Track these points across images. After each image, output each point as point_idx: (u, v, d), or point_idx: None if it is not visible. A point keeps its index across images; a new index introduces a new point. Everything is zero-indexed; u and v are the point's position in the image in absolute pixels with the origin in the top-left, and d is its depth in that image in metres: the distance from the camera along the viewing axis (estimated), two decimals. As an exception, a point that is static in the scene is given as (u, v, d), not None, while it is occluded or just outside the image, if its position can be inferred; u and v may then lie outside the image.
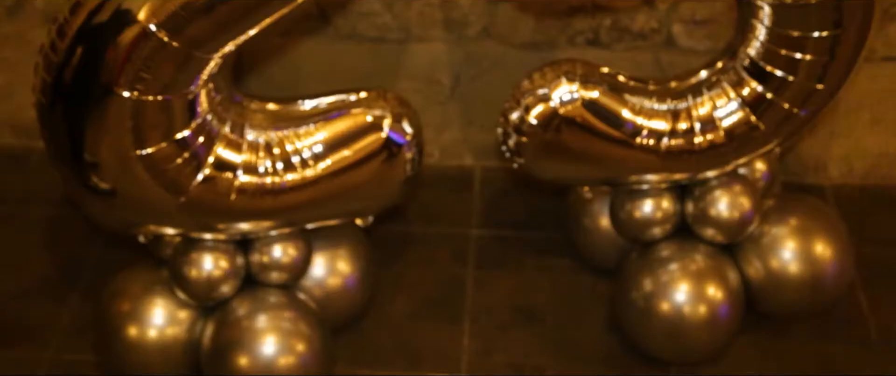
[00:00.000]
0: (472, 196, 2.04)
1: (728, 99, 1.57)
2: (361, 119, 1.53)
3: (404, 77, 1.97)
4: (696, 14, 1.88)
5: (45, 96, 1.40)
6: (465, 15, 1.90)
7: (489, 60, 1.95)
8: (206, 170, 1.46)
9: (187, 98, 1.39)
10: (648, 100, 1.57)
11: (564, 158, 1.60)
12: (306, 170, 1.51)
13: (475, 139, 2.06)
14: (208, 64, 1.38)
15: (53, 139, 1.43)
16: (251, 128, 1.50)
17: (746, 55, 1.54)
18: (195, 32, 1.32)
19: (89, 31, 1.33)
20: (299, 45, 1.94)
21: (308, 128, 1.52)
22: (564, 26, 1.90)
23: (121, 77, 1.33)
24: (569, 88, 1.53)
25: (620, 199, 1.70)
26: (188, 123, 1.42)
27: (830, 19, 1.45)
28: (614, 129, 1.55)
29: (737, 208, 1.64)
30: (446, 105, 2.02)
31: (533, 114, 1.54)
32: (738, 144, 1.59)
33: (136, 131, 1.38)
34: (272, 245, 1.59)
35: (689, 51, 1.91)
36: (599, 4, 1.87)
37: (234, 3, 1.32)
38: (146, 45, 1.31)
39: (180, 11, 1.30)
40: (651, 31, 1.90)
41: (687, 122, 1.57)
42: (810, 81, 1.52)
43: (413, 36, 1.93)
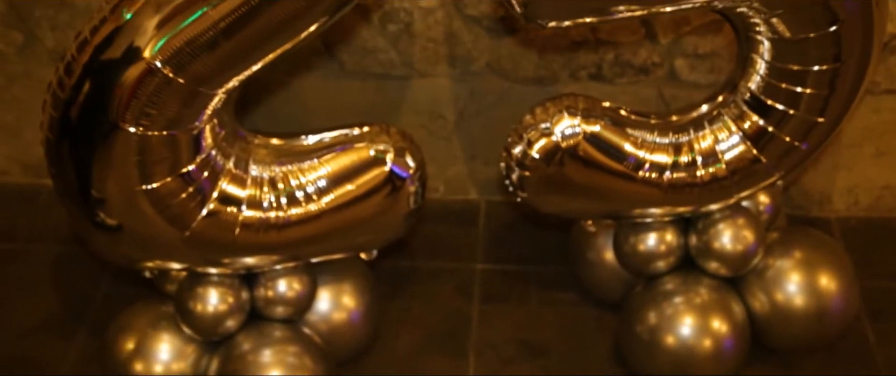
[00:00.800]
0: (477, 230, 2.04)
1: (729, 132, 1.57)
2: (364, 153, 1.54)
3: (409, 112, 1.99)
4: (698, 48, 1.89)
5: (52, 133, 1.41)
6: (468, 51, 1.91)
7: (493, 95, 1.97)
8: (211, 205, 1.47)
9: (192, 133, 1.41)
10: (650, 134, 1.58)
11: (567, 192, 1.60)
12: (310, 204, 1.52)
13: (480, 173, 2.07)
14: (213, 99, 1.39)
15: (61, 175, 1.44)
16: (255, 163, 1.51)
17: (747, 89, 1.55)
18: (200, 69, 1.34)
19: (96, 68, 1.35)
20: (304, 82, 1.96)
21: (311, 163, 1.53)
22: (567, 61, 1.92)
23: (127, 113, 1.35)
24: (571, 122, 1.54)
25: (624, 233, 1.70)
26: (193, 158, 1.43)
27: (830, 53, 1.46)
28: (617, 163, 1.56)
29: (740, 241, 1.65)
30: (451, 140, 2.03)
31: (535, 149, 1.55)
32: (741, 177, 1.60)
33: (141, 166, 1.39)
34: (277, 279, 1.60)
35: (691, 85, 1.93)
36: (602, 39, 1.89)
37: (238, 39, 1.33)
38: (152, 81, 1.33)
39: (185, 48, 1.32)
40: (653, 65, 1.92)
41: (689, 156, 1.58)
42: (811, 115, 1.53)
43: (417, 72, 1.94)
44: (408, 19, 1.87)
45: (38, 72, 1.97)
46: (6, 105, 2.05)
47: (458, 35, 1.89)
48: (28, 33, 1.95)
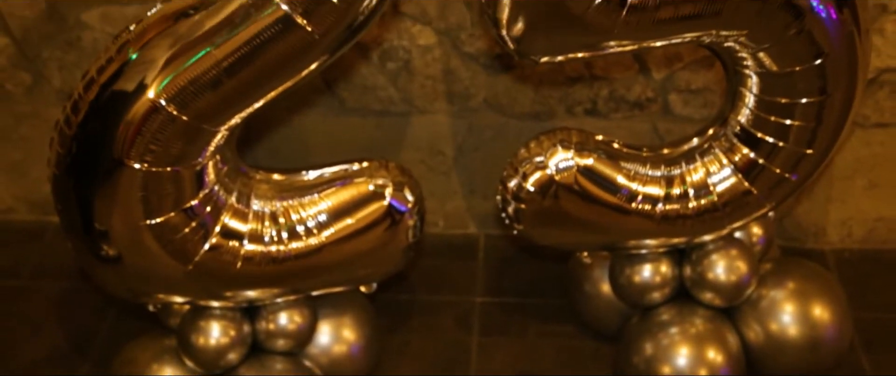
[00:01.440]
0: (476, 264, 2.07)
1: (721, 165, 1.60)
2: (364, 188, 1.57)
3: (409, 148, 2.02)
4: (691, 84, 1.93)
5: (59, 169, 1.45)
6: (466, 87, 1.95)
7: (491, 131, 2.00)
8: (213, 239, 1.50)
9: (195, 169, 1.44)
10: (643, 167, 1.61)
11: (563, 224, 1.63)
12: (310, 238, 1.55)
13: (478, 208, 2.10)
14: (216, 136, 1.43)
15: (66, 210, 1.48)
16: (257, 198, 1.54)
17: (737, 122, 1.58)
18: (203, 106, 1.38)
19: (102, 106, 1.38)
20: (305, 118, 2.00)
21: (312, 198, 1.56)
22: (563, 96, 1.95)
23: (132, 149, 1.38)
24: (564, 156, 1.58)
25: (620, 265, 1.73)
26: (196, 194, 1.46)
27: (816, 86, 1.49)
28: (610, 195, 1.59)
29: (734, 272, 1.67)
30: (449, 175, 2.06)
31: (530, 182, 1.59)
32: (732, 209, 1.62)
33: (145, 201, 1.43)
34: (278, 312, 1.63)
35: (685, 119, 1.96)
36: (597, 75, 1.93)
37: (240, 78, 1.37)
38: (156, 118, 1.37)
39: (189, 87, 1.36)
40: (647, 100, 1.95)
41: (681, 188, 1.61)
42: (800, 146, 1.56)
43: (416, 108, 1.98)
44: (406, 57, 1.91)
45: (46, 111, 2.01)
46: (14, 144, 2.08)
47: (456, 72, 1.93)
48: (36, 74, 1.99)
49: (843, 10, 1.44)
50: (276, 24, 1.33)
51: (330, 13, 1.33)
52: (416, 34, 1.89)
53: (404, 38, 1.89)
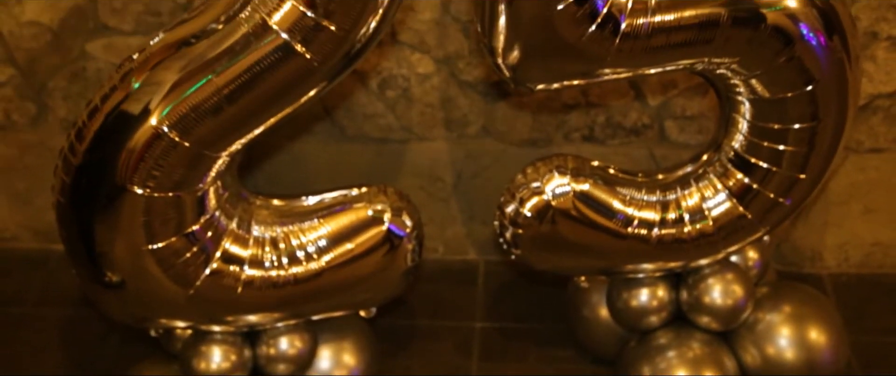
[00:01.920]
0: (475, 289, 2.08)
1: (715, 190, 1.63)
2: (363, 213, 1.59)
3: (408, 175, 2.04)
4: (686, 110, 1.95)
5: (63, 196, 1.47)
6: (464, 115, 1.97)
7: (489, 157, 2.02)
8: (214, 264, 1.52)
9: (197, 195, 1.47)
10: (638, 192, 1.63)
11: (560, 249, 1.65)
12: (311, 263, 1.57)
13: (478, 234, 2.11)
14: (217, 162, 1.45)
15: (71, 236, 1.50)
16: (257, 224, 1.56)
17: (731, 148, 1.60)
18: (204, 133, 1.40)
19: (106, 134, 1.41)
20: (306, 145, 2.02)
21: (312, 223, 1.58)
22: (560, 123, 1.98)
23: (135, 175, 1.41)
24: (561, 181, 1.60)
25: (617, 289, 1.74)
26: (197, 219, 1.48)
27: (808, 112, 1.52)
28: (606, 220, 1.61)
29: (730, 296, 1.69)
30: (449, 201, 2.08)
31: (527, 207, 1.61)
32: (727, 233, 1.64)
33: (147, 227, 1.45)
34: (279, 337, 1.64)
35: (681, 145, 1.98)
36: (593, 102, 1.95)
37: (241, 104, 1.40)
38: (159, 145, 1.39)
39: (191, 114, 1.38)
40: (644, 126, 1.97)
41: (676, 212, 1.63)
42: (793, 171, 1.58)
43: (415, 135, 2.00)
44: (405, 85, 1.94)
45: (50, 140, 2.03)
46: (18, 173, 2.10)
47: (454, 100, 1.95)
48: (41, 104, 2.01)
49: (833, 38, 1.47)
50: (276, 52, 1.36)
51: (328, 41, 1.36)
52: (414, 62, 1.91)
53: (403, 66, 1.92)
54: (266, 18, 1.35)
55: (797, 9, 1.44)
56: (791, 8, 1.44)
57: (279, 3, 1.34)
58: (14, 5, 1.89)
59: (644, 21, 1.40)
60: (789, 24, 1.44)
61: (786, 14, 1.44)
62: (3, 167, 2.10)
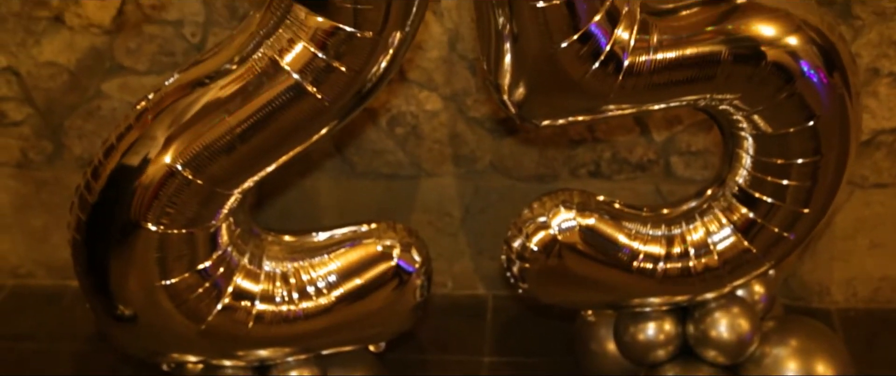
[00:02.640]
0: (484, 324, 2.09)
1: (720, 224, 1.64)
2: (372, 249, 1.61)
3: (417, 210, 2.06)
4: (691, 146, 1.97)
5: (79, 232, 1.50)
6: (472, 151, 2.00)
7: (497, 193, 2.05)
8: (226, 300, 1.54)
9: (209, 231, 1.49)
10: (643, 227, 1.65)
11: (567, 283, 1.67)
12: (321, 298, 1.59)
13: (486, 268, 2.13)
14: (229, 199, 1.48)
15: (86, 271, 1.52)
16: (268, 260, 1.58)
17: (735, 183, 1.62)
18: (217, 171, 1.43)
19: (121, 172, 1.44)
20: (317, 182, 2.04)
21: (322, 259, 1.60)
22: (567, 159, 2.00)
23: (149, 212, 1.44)
24: (566, 216, 1.62)
25: (624, 323, 1.75)
26: (209, 255, 1.51)
27: (810, 147, 1.53)
28: (612, 254, 1.63)
29: (736, 329, 1.70)
30: (457, 236, 2.10)
31: (534, 242, 1.63)
32: (732, 267, 1.66)
33: (161, 263, 1.47)
34: (289, 371, 1.65)
35: (687, 180, 2.00)
36: (599, 137, 1.97)
37: (254, 143, 1.43)
38: (172, 182, 1.42)
39: (204, 152, 1.41)
40: (649, 162, 2.00)
41: (681, 247, 1.64)
42: (797, 206, 1.59)
43: (424, 171, 2.02)
44: (414, 122, 1.97)
45: (66, 178, 2.06)
46: (34, 210, 2.13)
47: (463, 136, 1.98)
48: (57, 142, 2.04)
49: (834, 75, 1.49)
50: (288, 92, 1.39)
51: (339, 81, 1.39)
52: (423, 100, 1.95)
53: (412, 103, 1.95)
54: (278, 59, 1.39)
55: (798, 46, 1.46)
56: (791, 46, 1.46)
57: (291, 45, 1.38)
58: (33, 46, 1.93)
59: (646, 58, 1.42)
60: (790, 61, 1.46)
61: (786, 51, 1.46)
62: (19, 205, 2.13)
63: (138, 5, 1.88)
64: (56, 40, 1.92)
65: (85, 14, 1.89)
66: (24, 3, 1.88)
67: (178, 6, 1.87)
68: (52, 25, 1.91)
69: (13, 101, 2.00)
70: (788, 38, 1.46)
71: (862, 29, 1.82)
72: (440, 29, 1.87)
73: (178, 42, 1.90)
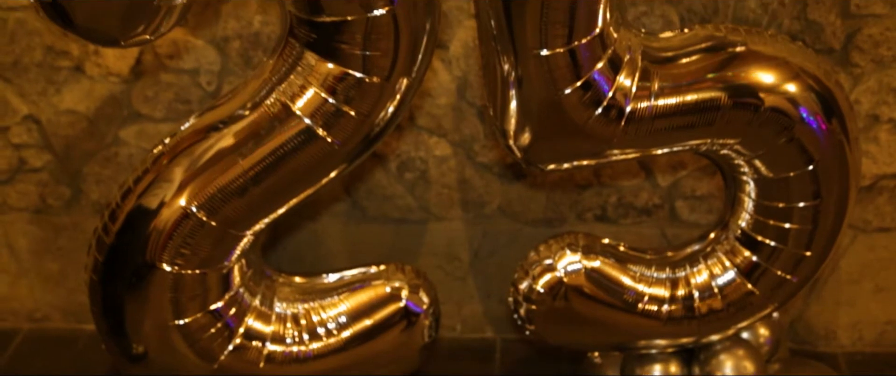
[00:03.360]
0: (493, 366, 2.10)
1: (723, 267, 1.67)
2: (381, 290, 1.65)
3: (426, 254, 2.08)
4: (696, 190, 2.00)
5: (96, 273, 1.54)
6: (480, 195, 2.02)
7: (505, 237, 2.07)
8: (237, 340, 1.57)
9: (222, 272, 1.53)
10: (648, 269, 1.68)
11: (573, 324, 1.69)
12: (330, 338, 1.62)
13: (494, 312, 2.14)
14: (242, 241, 1.52)
15: (102, 312, 1.56)
16: (279, 300, 1.62)
17: (737, 226, 1.65)
18: (230, 213, 1.47)
19: (137, 214, 1.48)
20: (328, 226, 2.06)
21: (332, 300, 1.64)
22: (574, 203, 2.02)
23: (163, 253, 1.48)
24: (572, 258, 1.65)
25: (630, 365, 1.77)
26: (222, 295, 1.54)
27: (810, 191, 1.56)
28: (617, 296, 1.66)
29: (741, 372, 1.71)
30: (466, 280, 2.12)
31: (540, 284, 1.66)
32: (736, 310, 1.68)
33: (174, 303, 1.51)
34: (299, 411, 1.68)
35: (692, 225, 2.02)
36: (605, 182, 2.00)
37: (266, 185, 1.47)
38: (187, 224, 1.46)
39: (217, 194, 1.46)
40: (655, 206, 2.02)
41: (685, 289, 1.67)
42: (799, 249, 1.62)
43: (433, 216, 2.05)
44: (423, 167, 1.99)
45: (83, 223, 2.08)
46: (52, 255, 2.15)
47: (471, 181, 2.01)
48: (75, 188, 2.07)
49: (832, 120, 1.53)
50: (299, 136, 1.44)
51: (348, 125, 1.44)
52: (432, 145, 1.98)
53: (421, 149, 1.98)
54: (290, 104, 1.43)
55: (796, 93, 1.50)
56: (790, 92, 1.50)
57: (302, 90, 1.43)
58: (53, 94, 1.97)
59: (647, 105, 1.46)
60: (789, 107, 1.50)
61: (785, 98, 1.49)
62: (36, 249, 2.15)
63: (156, 55, 1.92)
64: (76, 89, 1.96)
65: (104, 63, 1.94)
66: (46, 54, 1.93)
67: (194, 55, 1.91)
68: (73, 75, 1.95)
69: (33, 148, 2.04)
70: (787, 85, 1.50)
71: (861, 76, 1.85)
72: (449, 76, 1.91)
73: (193, 90, 1.94)
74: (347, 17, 1.36)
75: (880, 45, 1.82)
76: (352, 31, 1.37)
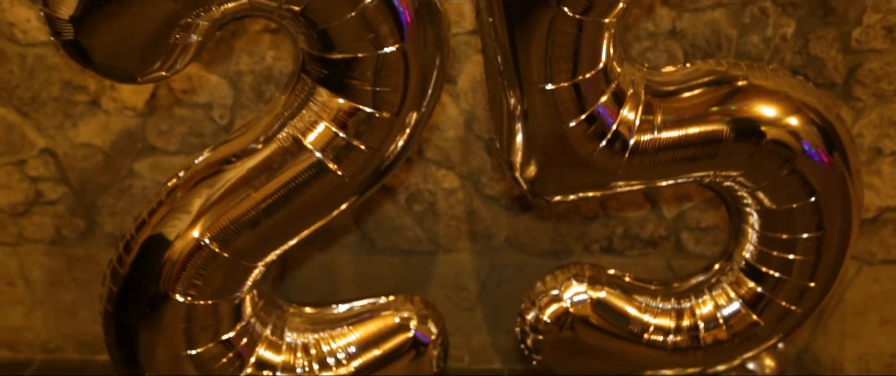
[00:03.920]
0: (501, 398, 2.12)
1: (728, 298, 1.68)
2: (390, 320, 1.67)
3: (435, 285, 2.10)
4: (701, 222, 2.01)
5: (110, 304, 1.56)
6: (488, 227, 2.04)
7: (512, 268, 2.08)
8: (249, 370, 1.59)
9: (234, 302, 1.55)
10: (653, 300, 1.69)
11: (580, 354, 1.71)
12: (340, 368, 1.64)
13: (502, 343, 2.15)
14: (253, 272, 1.54)
15: (116, 342, 1.58)
16: (290, 331, 1.64)
17: (742, 257, 1.67)
18: (242, 244, 1.50)
19: (151, 245, 1.51)
20: (338, 258, 2.08)
21: (342, 330, 1.66)
22: (580, 235, 2.04)
23: (177, 284, 1.50)
24: (578, 289, 1.67)
25: (637, 395, 1.79)
26: (233, 326, 1.57)
27: (812, 222, 1.58)
28: (622, 326, 1.67)
29: (747, 402, 1.73)
30: (474, 311, 2.13)
31: (547, 314, 1.67)
32: (741, 340, 1.69)
33: (187, 333, 1.53)
34: (309, 441, 1.70)
35: (698, 256, 2.03)
36: (611, 214, 2.02)
37: (277, 217, 1.49)
38: (200, 255, 1.49)
39: (230, 226, 1.48)
40: (660, 238, 2.04)
41: (690, 320, 1.69)
42: (803, 280, 1.64)
43: (441, 247, 2.06)
44: (432, 199, 2.01)
45: (97, 255, 2.10)
46: (65, 286, 2.17)
47: (479, 213, 2.03)
48: (90, 220, 2.09)
49: (833, 153, 1.55)
50: (310, 169, 1.47)
51: (358, 158, 1.46)
52: (440, 178, 2.00)
53: (430, 181, 2.00)
54: (301, 138, 1.46)
55: (798, 126, 1.52)
56: (792, 125, 1.52)
57: (313, 125, 1.45)
58: (70, 129, 2.00)
59: (651, 137, 1.49)
60: (790, 140, 1.52)
61: (787, 131, 1.52)
62: (51, 281, 2.17)
63: (170, 89, 1.95)
64: (92, 123, 1.98)
65: (120, 98, 1.96)
66: (64, 88, 1.96)
67: (207, 90, 1.94)
68: (89, 109, 1.97)
69: (50, 181, 2.06)
70: (788, 119, 1.52)
71: (863, 110, 1.88)
72: (457, 110, 1.94)
73: (207, 124, 1.97)
74: (358, 54, 1.40)
75: (881, 79, 1.84)
76: (363, 67, 1.40)
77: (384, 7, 1.36)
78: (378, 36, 1.38)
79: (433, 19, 1.41)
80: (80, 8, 1.30)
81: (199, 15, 1.35)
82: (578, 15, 1.38)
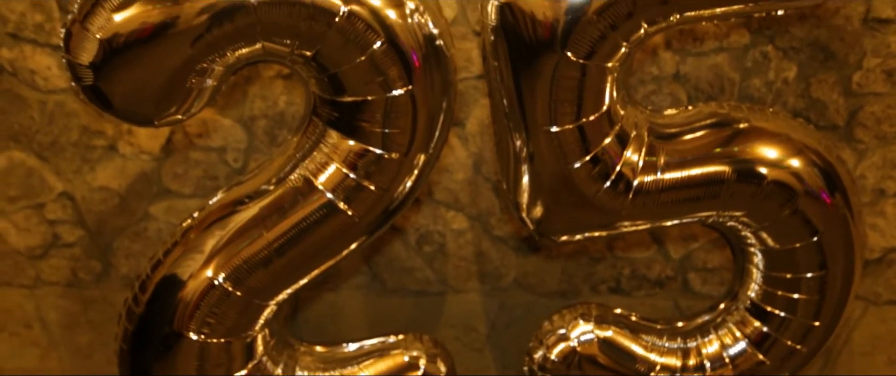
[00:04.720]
0: (510, 439, 2.12)
1: (734, 338, 1.70)
2: (400, 359, 1.69)
3: (444, 326, 2.11)
4: (707, 263, 2.03)
5: (126, 342, 1.59)
6: (497, 268, 2.06)
7: (521, 309, 2.10)
8: (260, 408, 1.62)
9: (246, 341, 1.58)
10: (659, 339, 1.71)
11: (587, 394, 1.73)
12: (351, 407, 1.66)
13: (511, 383, 2.18)
14: (265, 310, 1.57)
15: (130, 380, 1.61)
16: (301, 369, 1.66)
17: (747, 297, 1.69)
18: (255, 283, 1.53)
19: (166, 284, 1.54)
20: (349, 299, 2.10)
21: (352, 369, 1.68)
22: (588, 276, 2.06)
23: (191, 322, 1.53)
24: (585, 328, 1.69)
25: (644, 435, 1.80)
26: (246, 364, 1.59)
27: (816, 261, 1.60)
28: (629, 366, 1.69)
29: (754, 441, 1.73)
30: (483, 351, 2.14)
31: (555, 353, 1.69)
32: (747, 380, 1.71)
33: (200, 371, 1.56)
34: None
35: (705, 296, 2.05)
36: (618, 255, 2.04)
37: (289, 257, 1.52)
38: (213, 294, 1.52)
39: (243, 265, 1.51)
40: (667, 278, 2.05)
41: (697, 360, 1.70)
42: (807, 319, 1.65)
43: (451, 288, 2.08)
44: (441, 241, 2.04)
45: (112, 296, 2.12)
46: (81, 328, 2.18)
47: (487, 254, 2.05)
48: (105, 262, 2.11)
49: (835, 194, 1.57)
50: (321, 210, 1.50)
51: (368, 199, 1.50)
52: (450, 219, 2.02)
53: (439, 223, 2.02)
54: (312, 179, 1.49)
55: (800, 168, 1.55)
56: (794, 167, 1.54)
57: (324, 166, 1.49)
58: (87, 173, 2.03)
59: (654, 178, 1.52)
60: (792, 181, 1.54)
61: (788, 172, 1.54)
62: (67, 322, 2.18)
63: (185, 133, 1.98)
64: (109, 167, 2.01)
65: (137, 142, 1.99)
66: (82, 134, 1.99)
67: (221, 134, 1.97)
68: (107, 153, 2.00)
69: (67, 224, 2.08)
70: (790, 160, 1.55)
71: (865, 152, 1.90)
72: (465, 152, 1.96)
73: (221, 167, 2.00)
74: (368, 97, 1.43)
75: (882, 121, 1.87)
76: (372, 110, 1.44)
77: (392, 51, 1.40)
78: (387, 79, 1.42)
79: (440, 63, 1.45)
80: (101, 55, 1.34)
81: (214, 60, 1.39)
82: (582, 60, 1.41)
